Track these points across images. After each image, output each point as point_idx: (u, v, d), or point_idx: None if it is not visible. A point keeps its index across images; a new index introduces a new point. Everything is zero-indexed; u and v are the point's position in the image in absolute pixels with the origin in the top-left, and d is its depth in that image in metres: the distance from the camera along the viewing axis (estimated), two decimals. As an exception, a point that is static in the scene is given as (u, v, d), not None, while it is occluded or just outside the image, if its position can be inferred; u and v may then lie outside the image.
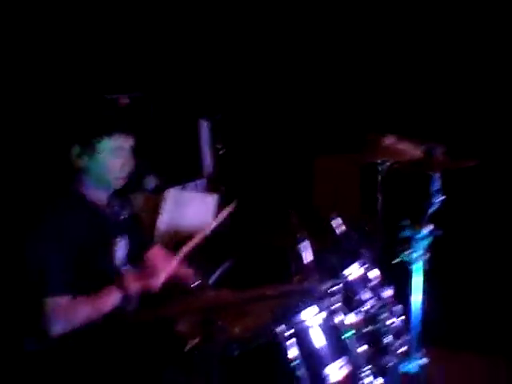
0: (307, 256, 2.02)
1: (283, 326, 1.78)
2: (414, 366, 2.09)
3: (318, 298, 1.90)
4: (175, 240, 3.21)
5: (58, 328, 2.00)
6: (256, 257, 2.93)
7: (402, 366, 2.09)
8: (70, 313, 2.02)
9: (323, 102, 3.69)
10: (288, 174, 3.71)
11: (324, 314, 1.87)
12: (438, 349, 2.42)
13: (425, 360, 2.12)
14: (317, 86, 3.70)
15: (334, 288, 1.96)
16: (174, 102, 3.73)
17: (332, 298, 1.94)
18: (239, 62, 3.81)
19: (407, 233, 2.14)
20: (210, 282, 2.76)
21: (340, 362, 1.82)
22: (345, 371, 1.81)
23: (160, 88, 3.67)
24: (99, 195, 2.20)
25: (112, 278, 2.21)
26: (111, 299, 2.11)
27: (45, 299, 2.00)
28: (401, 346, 2.09)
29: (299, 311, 1.85)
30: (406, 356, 2.09)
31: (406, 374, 2.09)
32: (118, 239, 2.27)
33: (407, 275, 2.19)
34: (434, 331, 2.22)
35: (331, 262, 2.13)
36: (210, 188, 3.79)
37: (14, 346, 2.20)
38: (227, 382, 1.73)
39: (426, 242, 2.13)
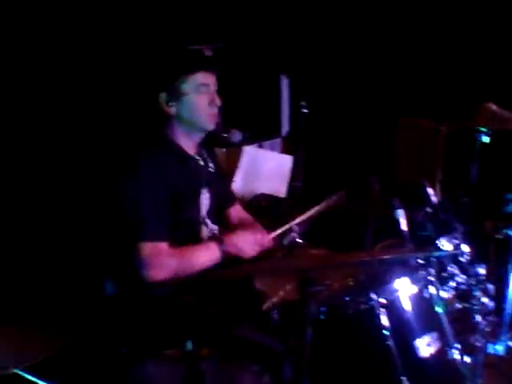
0: (402, 224, 1.91)
1: (375, 294, 1.70)
2: (501, 347, 1.99)
3: (412, 269, 1.82)
4: (249, 198, 3.21)
5: (151, 273, 1.99)
6: (333, 221, 2.84)
7: (488, 346, 1.98)
8: (165, 260, 2.01)
9: (417, 59, 3.47)
10: (371, 138, 3.54)
11: (416, 287, 1.79)
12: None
13: (512, 343, 2.02)
14: (412, 41, 3.49)
15: (428, 260, 1.88)
16: (255, 56, 3.63)
17: (425, 271, 1.86)
18: (326, 14, 3.65)
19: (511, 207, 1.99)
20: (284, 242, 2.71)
21: (430, 337, 1.74)
22: (434, 347, 1.73)
23: (242, 40, 3.58)
24: (189, 143, 2.20)
25: (197, 230, 2.22)
26: (209, 255, 2.09)
27: (143, 244, 2.00)
28: (489, 325, 1.98)
29: (391, 281, 1.78)
30: (494, 337, 1.98)
31: (492, 355, 1.99)
32: (204, 190, 2.26)
33: (502, 254, 2.06)
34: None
35: (426, 232, 2.02)
36: (286, 148, 3.73)
37: (95, 290, 2.24)
38: (310, 345, 1.68)
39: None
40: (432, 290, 1.81)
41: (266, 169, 3.32)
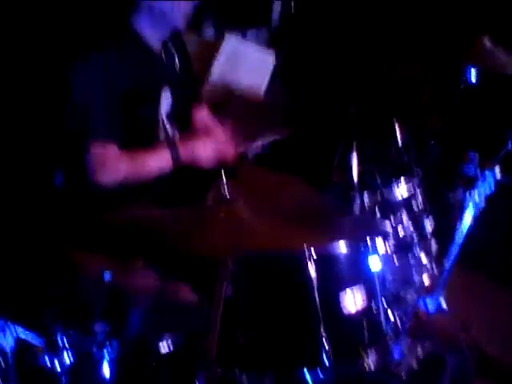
0: (353, 171, 1.81)
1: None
2: (431, 304, 1.99)
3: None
4: (224, 93, 3.05)
5: (100, 176, 1.96)
6: (300, 140, 2.72)
7: (419, 301, 1.99)
8: (115, 164, 1.97)
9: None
10: (363, 53, 3.18)
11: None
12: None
13: (444, 303, 2.01)
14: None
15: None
16: None
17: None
18: None
19: (471, 169, 1.88)
20: (249, 154, 2.64)
21: (356, 290, 1.71)
22: (360, 302, 1.71)
23: None
24: (155, 36, 2.05)
25: (154, 133, 2.13)
26: (161, 161, 2.04)
27: (89, 142, 1.94)
28: (425, 282, 1.96)
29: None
30: (427, 293, 1.98)
31: (421, 310, 2.00)
32: (165, 90, 2.13)
33: (454, 212, 1.99)
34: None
35: (376, 175, 1.94)
36: (271, 41, 3.46)
37: (45, 178, 2.19)
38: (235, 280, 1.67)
39: (487, 186, 1.88)
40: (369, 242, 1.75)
41: (246, 64, 3.12)
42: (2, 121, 2.39)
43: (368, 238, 1.70)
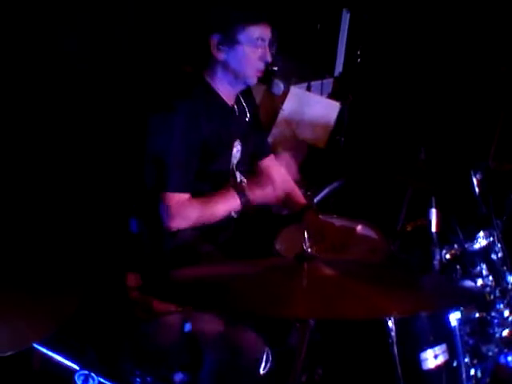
0: (433, 225, 1.79)
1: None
2: (513, 359, 1.92)
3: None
4: (289, 143, 3.10)
5: (173, 223, 2.01)
6: (369, 184, 2.72)
7: (501, 356, 1.92)
8: (187, 211, 2.02)
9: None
10: (430, 103, 3.17)
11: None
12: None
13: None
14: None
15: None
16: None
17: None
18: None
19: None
20: (316, 200, 2.64)
21: (438, 349, 1.68)
22: (440, 360, 1.68)
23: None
24: (229, 92, 2.13)
25: (225, 182, 2.17)
26: (229, 204, 2.08)
27: (166, 193, 1.99)
28: (505, 335, 1.90)
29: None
30: (509, 347, 1.91)
31: (503, 366, 1.93)
32: (237, 142, 2.19)
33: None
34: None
35: (456, 228, 1.89)
36: (335, 91, 3.52)
37: (121, 224, 2.24)
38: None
39: None
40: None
41: (310, 114, 3.17)
42: (83, 169, 2.49)
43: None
